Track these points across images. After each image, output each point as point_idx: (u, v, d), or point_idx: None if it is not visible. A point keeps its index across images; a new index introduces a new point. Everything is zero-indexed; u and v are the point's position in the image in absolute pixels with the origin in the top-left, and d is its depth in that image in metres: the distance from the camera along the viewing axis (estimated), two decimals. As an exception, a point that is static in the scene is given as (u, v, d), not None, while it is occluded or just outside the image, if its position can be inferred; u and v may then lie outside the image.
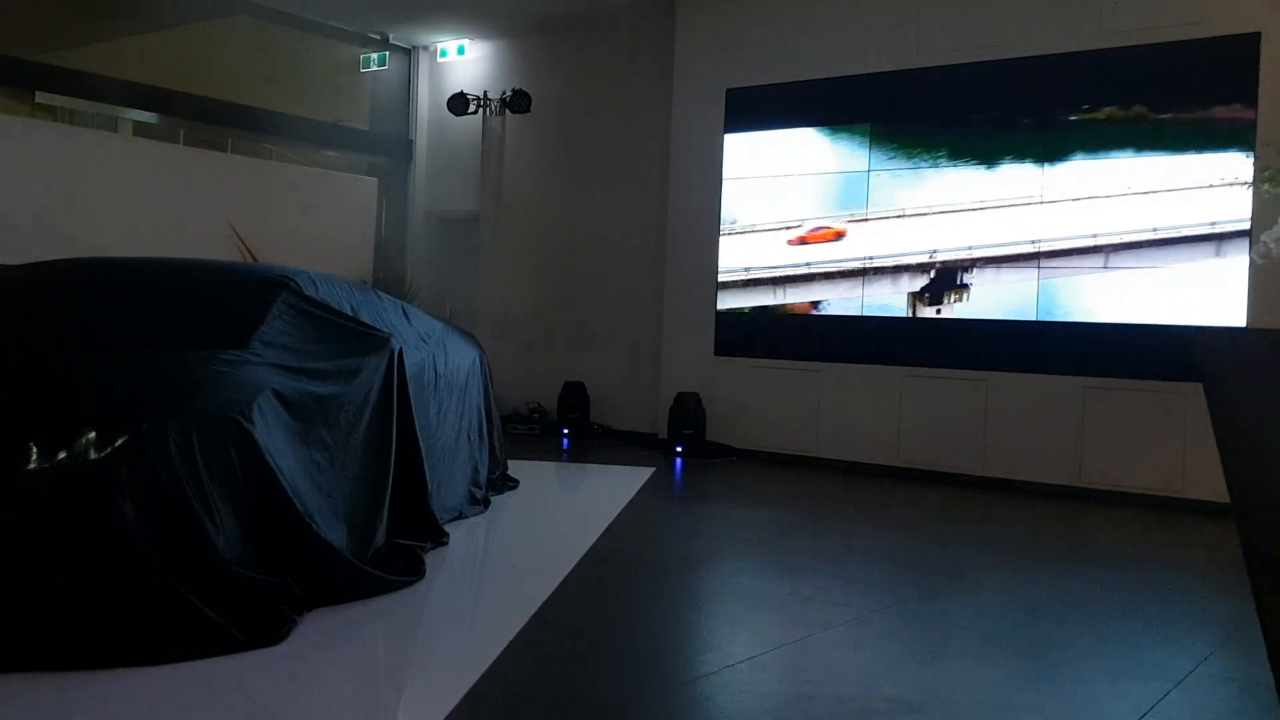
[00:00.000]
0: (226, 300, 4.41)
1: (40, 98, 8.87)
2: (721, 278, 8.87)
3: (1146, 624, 4.29)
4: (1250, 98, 6.67)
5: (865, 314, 8.15)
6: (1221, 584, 4.99)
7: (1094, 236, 7.22)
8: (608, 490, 7.01)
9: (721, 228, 8.87)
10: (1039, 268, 7.43)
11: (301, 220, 9.84)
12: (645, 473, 7.69)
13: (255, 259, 8.71)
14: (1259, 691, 3.45)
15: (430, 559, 4.56)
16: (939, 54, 7.84)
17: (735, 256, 8.82)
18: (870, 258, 8.11)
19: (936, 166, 7.87)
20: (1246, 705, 3.39)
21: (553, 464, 8.31)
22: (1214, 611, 4.56)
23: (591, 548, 5.14)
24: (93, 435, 3.27)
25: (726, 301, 8.86)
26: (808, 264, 8.41)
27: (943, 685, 3.38)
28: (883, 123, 8.13)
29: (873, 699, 3.24)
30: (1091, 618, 4.36)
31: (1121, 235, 7.11)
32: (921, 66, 7.93)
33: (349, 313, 4.75)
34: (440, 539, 4.88)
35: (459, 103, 10.40)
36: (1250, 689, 3.52)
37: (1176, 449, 6.85)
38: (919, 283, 7.90)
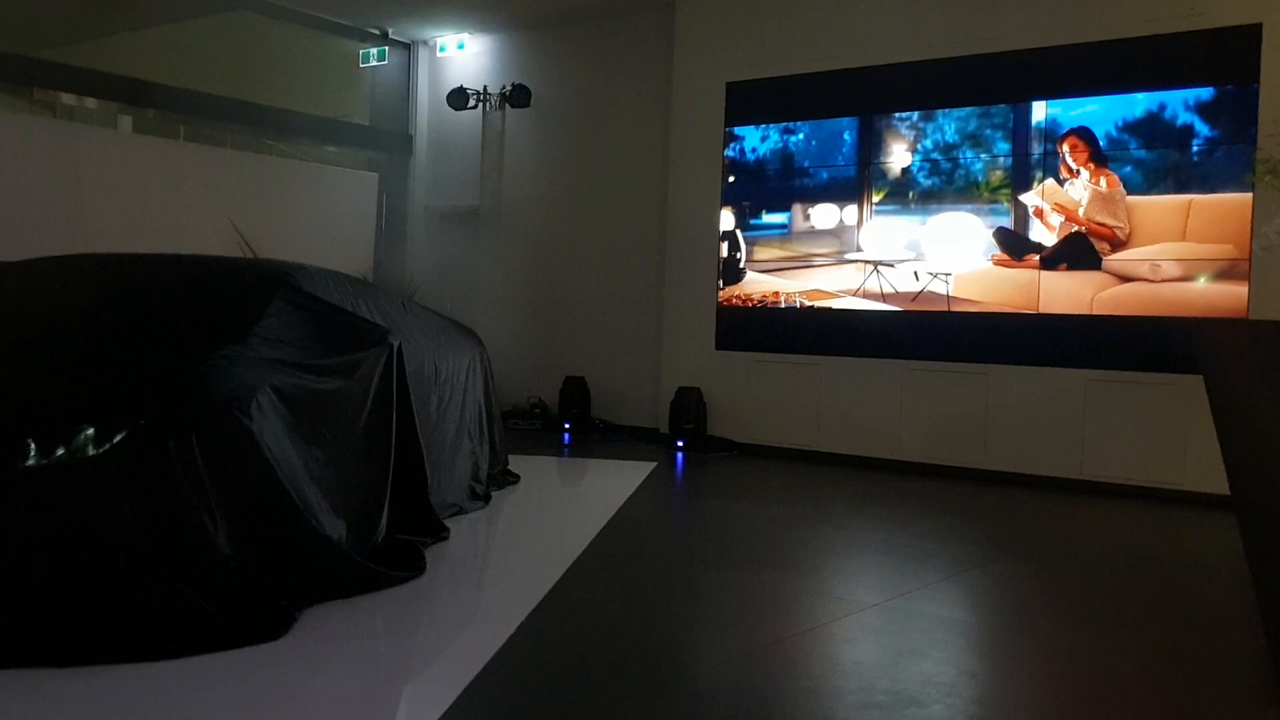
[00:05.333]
0: (225, 296, 4.40)
1: (39, 94, 8.87)
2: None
3: (1147, 620, 4.28)
4: (1251, 90, 6.65)
5: (866, 307, 8.15)
6: (1220, 576, 4.99)
7: (1097, 227, 7.22)
8: (609, 485, 7.00)
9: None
10: (1039, 259, 7.42)
11: (301, 215, 9.84)
12: (646, 467, 7.68)
13: (255, 254, 8.71)
14: (1258, 684, 3.45)
15: (431, 554, 4.57)
16: (941, 46, 7.83)
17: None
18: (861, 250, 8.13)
19: (937, 159, 7.87)
20: (1242, 697, 3.38)
21: (554, 459, 8.30)
22: (1213, 607, 4.56)
23: (592, 543, 5.14)
24: (91, 431, 3.27)
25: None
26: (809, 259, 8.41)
27: (943, 680, 3.38)
28: (884, 115, 8.11)
29: (873, 692, 3.23)
30: (1092, 614, 4.35)
31: (1122, 228, 7.11)
32: (923, 59, 7.91)
33: (349, 308, 4.75)
34: (441, 534, 4.89)
35: (459, 97, 10.40)
36: (1248, 681, 3.52)
37: (1178, 441, 6.85)
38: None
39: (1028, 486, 7.31)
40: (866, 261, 8.14)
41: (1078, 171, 7.28)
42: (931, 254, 7.90)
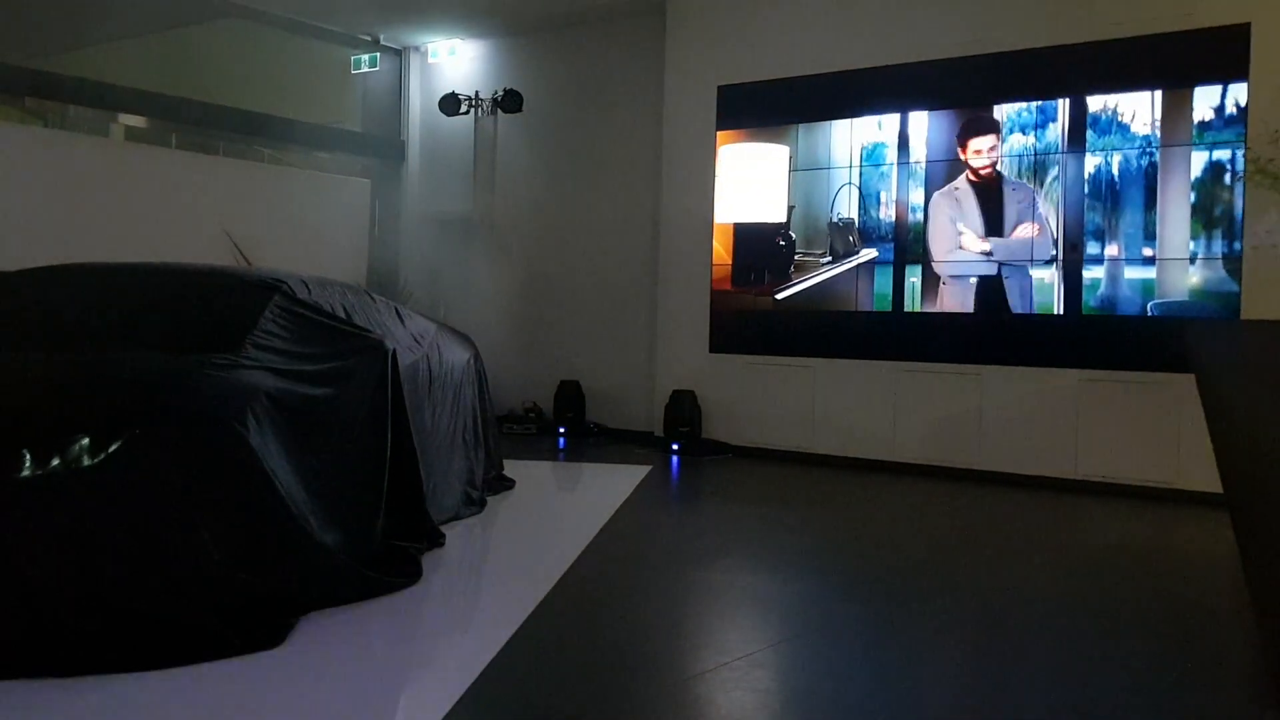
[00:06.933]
0: (219, 304, 4.40)
1: (31, 103, 8.86)
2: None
3: (1141, 618, 4.29)
4: (1240, 88, 6.69)
5: (860, 309, 8.16)
6: (1215, 574, 5.00)
7: (1087, 230, 7.24)
8: (604, 489, 7.01)
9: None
10: (1031, 261, 7.44)
11: (294, 222, 9.84)
12: (641, 471, 7.69)
13: (249, 262, 8.71)
14: (1253, 682, 3.46)
15: (426, 560, 4.57)
16: (931, 48, 7.85)
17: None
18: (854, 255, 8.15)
19: (928, 160, 7.89)
20: (1237, 695, 3.39)
21: (549, 463, 8.30)
22: (1207, 606, 4.57)
23: (588, 547, 5.14)
24: (86, 441, 3.26)
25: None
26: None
27: (940, 682, 3.39)
28: (875, 118, 8.14)
29: (870, 695, 3.24)
30: (1087, 613, 4.36)
31: (1114, 227, 7.13)
32: (914, 61, 7.94)
33: (342, 315, 4.75)
34: (436, 540, 4.89)
35: (451, 103, 10.41)
36: (1243, 680, 3.52)
37: (1171, 440, 6.87)
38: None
39: (1021, 486, 7.33)
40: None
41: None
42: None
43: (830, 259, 8.32)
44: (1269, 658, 3.45)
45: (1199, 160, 6.84)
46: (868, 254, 8.13)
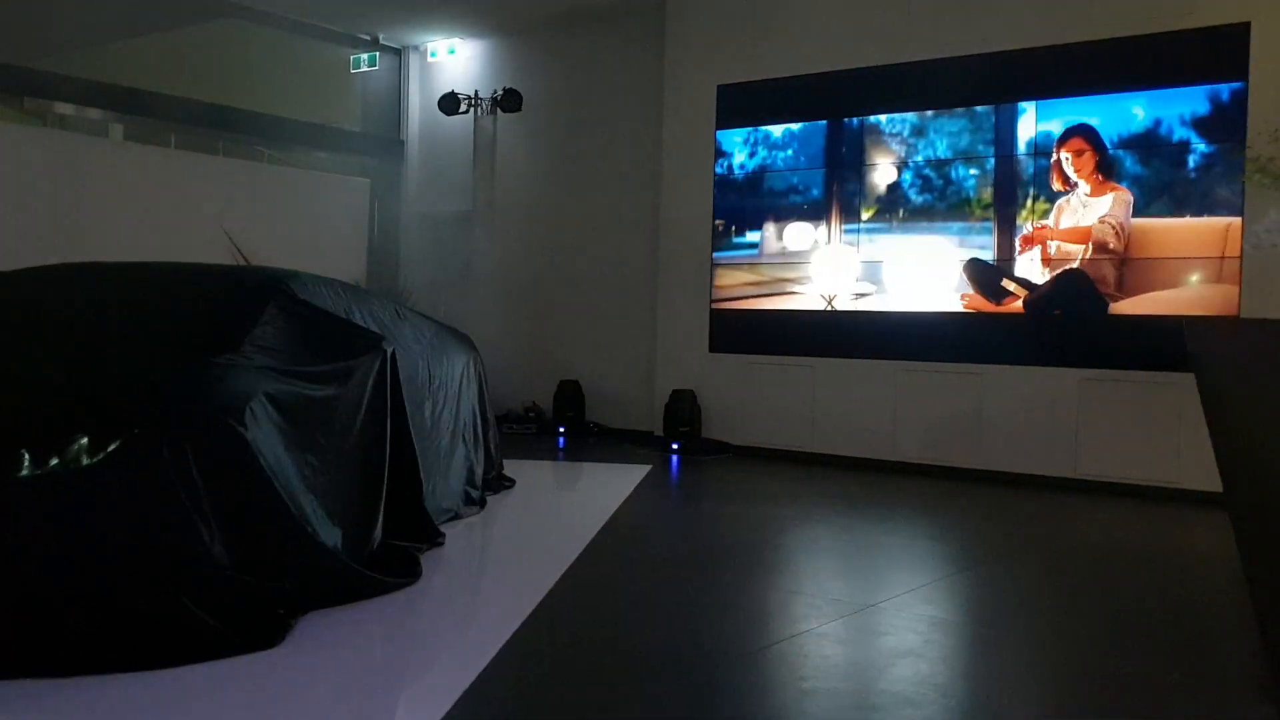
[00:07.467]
0: (219, 304, 4.40)
1: (30, 103, 8.85)
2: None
3: (1141, 617, 4.29)
4: (1240, 88, 6.68)
5: (859, 309, 8.16)
6: (1215, 573, 5.00)
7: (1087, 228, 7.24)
8: (604, 488, 7.01)
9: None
10: (1031, 261, 7.44)
11: (294, 222, 9.83)
12: (641, 470, 7.68)
13: (248, 262, 8.70)
14: (1254, 681, 3.46)
15: (426, 560, 4.57)
16: (930, 47, 7.84)
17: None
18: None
19: (930, 160, 7.89)
20: (1238, 694, 3.39)
21: (549, 463, 8.30)
22: (1207, 604, 4.57)
23: (587, 546, 5.14)
24: (85, 441, 3.26)
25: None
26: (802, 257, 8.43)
27: (939, 680, 3.38)
28: (875, 116, 8.13)
29: (870, 693, 3.24)
30: (1087, 612, 4.36)
31: (1116, 226, 7.13)
32: (913, 60, 7.93)
33: (342, 314, 4.75)
34: (436, 540, 4.88)
35: (450, 102, 10.41)
36: (1244, 678, 3.53)
37: (1172, 439, 6.87)
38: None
39: (1022, 486, 7.32)
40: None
41: (1075, 184, 7.26)
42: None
43: (830, 259, 8.33)
44: (1269, 657, 3.45)
45: (1203, 164, 6.84)
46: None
